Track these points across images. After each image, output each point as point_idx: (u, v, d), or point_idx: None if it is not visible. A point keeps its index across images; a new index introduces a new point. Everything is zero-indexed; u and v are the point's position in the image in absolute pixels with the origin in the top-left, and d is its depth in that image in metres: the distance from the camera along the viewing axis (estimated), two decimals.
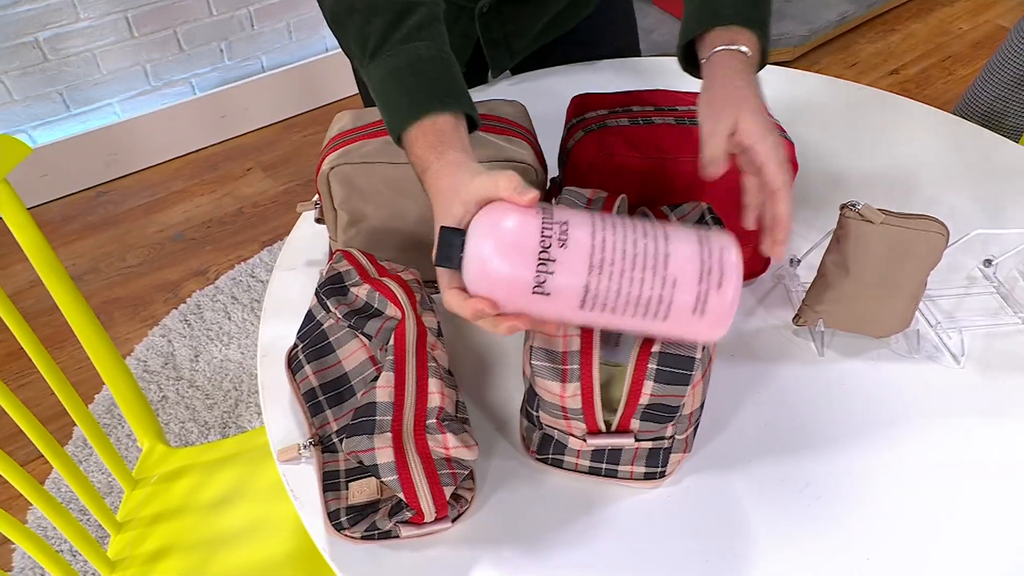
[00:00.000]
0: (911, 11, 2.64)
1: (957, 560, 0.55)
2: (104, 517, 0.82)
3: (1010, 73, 1.14)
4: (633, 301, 0.45)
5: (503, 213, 0.47)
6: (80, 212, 1.90)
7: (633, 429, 0.53)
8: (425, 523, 0.53)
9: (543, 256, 0.45)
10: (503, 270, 0.45)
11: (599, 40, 1.00)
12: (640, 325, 0.47)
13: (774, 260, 0.75)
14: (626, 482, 0.57)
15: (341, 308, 0.61)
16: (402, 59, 0.59)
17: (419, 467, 0.51)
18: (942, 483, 0.59)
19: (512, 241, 0.45)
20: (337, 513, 0.55)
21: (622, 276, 0.45)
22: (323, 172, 0.67)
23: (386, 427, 0.52)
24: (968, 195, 0.85)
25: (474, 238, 0.46)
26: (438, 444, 0.51)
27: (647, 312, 0.46)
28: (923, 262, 0.64)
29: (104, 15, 1.78)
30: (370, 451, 0.51)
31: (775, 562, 0.55)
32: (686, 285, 0.45)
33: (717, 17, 0.64)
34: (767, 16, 0.66)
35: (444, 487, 0.51)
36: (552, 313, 0.47)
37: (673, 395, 0.50)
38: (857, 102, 0.99)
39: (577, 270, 0.45)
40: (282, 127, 2.14)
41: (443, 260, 0.47)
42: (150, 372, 1.53)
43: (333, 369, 0.61)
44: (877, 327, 0.68)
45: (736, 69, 0.61)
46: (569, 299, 0.46)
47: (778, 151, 0.57)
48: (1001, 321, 0.71)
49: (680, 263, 0.46)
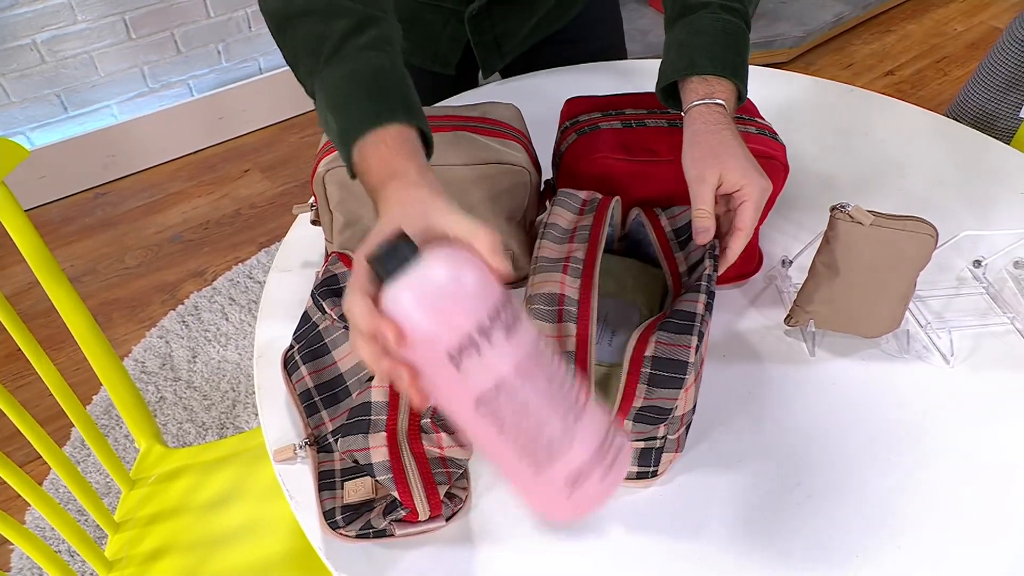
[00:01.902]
0: (906, 12, 2.65)
1: (947, 558, 0.56)
2: (102, 517, 0.82)
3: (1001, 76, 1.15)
4: (527, 430, 0.41)
5: (471, 264, 0.42)
6: (78, 214, 1.90)
7: (625, 430, 0.53)
8: (419, 522, 0.54)
9: (483, 330, 0.40)
10: (438, 315, 0.40)
11: (587, 38, 1.01)
12: (507, 460, 0.43)
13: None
14: None
15: (336, 310, 0.61)
16: (364, 64, 0.56)
17: (413, 466, 0.51)
18: (931, 482, 0.60)
19: (465, 293, 0.41)
20: (332, 512, 0.55)
21: (537, 398, 0.41)
22: (319, 175, 0.68)
23: (381, 426, 0.53)
24: (958, 197, 0.86)
25: (430, 266, 0.41)
26: (432, 443, 0.52)
27: (529, 452, 0.42)
28: (912, 263, 0.65)
29: (101, 17, 1.79)
30: (365, 450, 0.52)
31: (766, 560, 0.55)
32: (580, 452, 0.42)
33: (693, 66, 0.66)
34: (743, 57, 0.68)
35: (438, 486, 0.52)
36: (443, 389, 0.42)
37: (666, 398, 0.51)
38: (849, 104, 1.00)
39: (503, 365, 0.41)
40: (280, 128, 2.15)
41: (381, 263, 0.41)
42: (148, 373, 1.53)
43: (329, 370, 0.62)
44: (867, 327, 0.68)
45: (714, 122, 0.63)
46: (473, 388, 0.41)
47: (762, 194, 0.61)
48: (990, 321, 0.72)
49: (587, 428, 0.43)
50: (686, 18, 0.69)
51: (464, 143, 0.68)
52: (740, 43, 0.68)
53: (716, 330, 0.72)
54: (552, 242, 0.59)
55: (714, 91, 0.65)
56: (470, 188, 0.68)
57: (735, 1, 0.69)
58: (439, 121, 0.70)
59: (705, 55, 0.66)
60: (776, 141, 0.71)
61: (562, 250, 0.58)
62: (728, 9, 0.69)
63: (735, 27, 0.68)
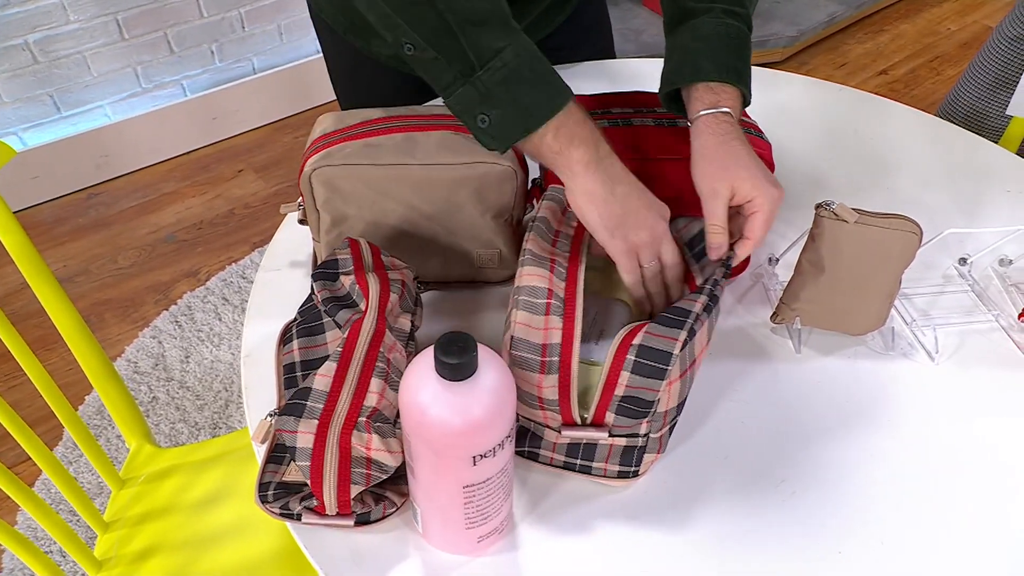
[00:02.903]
0: (900, 12, 2.66)
1: (930, 555, 0.56)
2: (91, 517, 0.82)
3: (991, 74, 1.15)
4: (483, 508, 0.52)
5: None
6: (71, 214, 1.90)
7: (607, 423, 0.54)
8: (326, 515, 0.54)
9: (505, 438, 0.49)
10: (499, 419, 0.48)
11: (576, 45, 1.01)
12: (450, 515, 0.52)
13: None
14: (600, 479, 0.58)
15: (323, 293, 0.61)
16: (531, 42, 0.60)
17: (334, 460, 0.52)
18: (916, 479, 0.60)
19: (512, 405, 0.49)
20: (268, 486, 0.56)
21: (500, 488, 0.52)
22: (305, 174, 0.68)
23: (315, 414, 0.53)
24: (947, 195, 0.86)
25: (492, 367, 0.47)
26: (361, 442, 0.52)
27: (471, 517, 0.52)
28: (897, 261, 0.65)
29: (94, 17, 1.78)
30: (292, 433, 0.52)
31: (750, 556, 0.56)
32: (499, 519, 0.54)
33: (698, 72, 0.66)
34: (747, 61, 0.68)
35: (352, 485, 0.52)
36: (440, 468, 0.49)
37: (648, 388, 0.51)
38: (839, 103, 1.00)
39: (500, 464, 0.50)
40: (273, 129, 2.15)
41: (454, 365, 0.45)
42: (140, 373, 1.53)
43: (317, 349, 0.62)
44: (853, 325, 0.69)
45: (722, 132, 0.63)
46: (470, 478, 0.49)
47: (773, 205, 0.61)
48: (975, 319, 0.72)
49: (508, 503, 0.55)
50: (688, 22, 0.69)
51: (453, 143, 0.68)
52: (743, 47, 0.68)
53: None
54: (540, 236, 0.59)
55: (719, 99, 0.65)
56: (458, 187, 0.68)
57: (737, 5, 0.69)
58: (428, 120, 0.70)
59: (710, 61, 0.66)
60: (762, 139, 0.71)
61: (549, 245, 0.59)
62: (730, 13, 0.68)
63: (737, 31, 0.68)
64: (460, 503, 0.51)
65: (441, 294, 0.75)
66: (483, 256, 0.73)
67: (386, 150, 0.68)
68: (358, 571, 0.55)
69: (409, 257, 0.71)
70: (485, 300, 0.74)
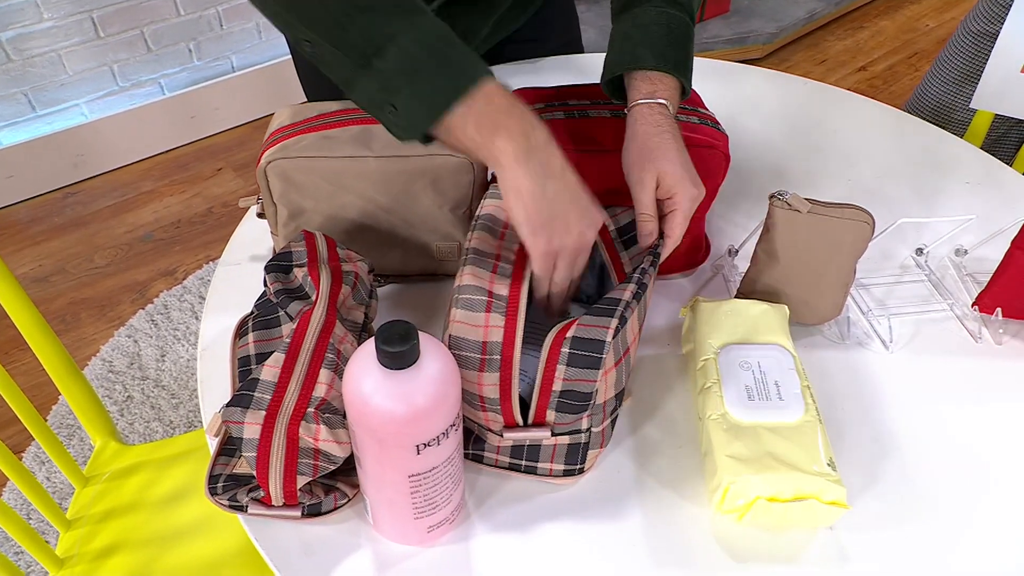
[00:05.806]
0: (879, 8, 2.67)
1: (888, 542, 0.56)
2: (52, 515, 0.82)
3: (956, 69, 1.16)
4: (432, 497, 0.52)
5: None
6: (47, 213, 1.89)
7: (549, 421, 0.53)
8: (273, 506, 0.54)
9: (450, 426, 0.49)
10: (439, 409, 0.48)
11: (546, 36, 1.01)
12: (397, 505, 0.52)
13: None
14: (546, 478, 0.58)
15: (276, 285, 0.61)
16: (441, 25, 0.55)
17: (281, 451, 0.52)
18: (871, 466, 0.61)
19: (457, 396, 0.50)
20: (218, 478, 0.56)
21: (448, 477, 0.52)
22: (261, 167, 0.68)
23: (262, 405, 0.53)
24: (907, 187, 0.87)
25: (435, 357, 0.48)
26: (309, 433, 0.52)
27: (420, 507, 0.52)
28: (850, 250, 0.66)
29: (68, 15, 1.77)
30: (239, 424, 0.52)
31: (708, 548, 0.56)
32: (449, 509, 0.55)
33: (637, 60, 0.66)
34: (687, 52, 0.68)
35: (299, 475, 0.52)
36: (384, 457, 0.49)
37: (584, 379, 0.51)
38: (805, 97, 1.01)
39: (445, 454, 0.50)
40: (253, 127, 2.14)
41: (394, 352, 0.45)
42: (115, 372, 1.52)
43: (273, 343, 0.61)
44: (809, 314, 0.69)
45: (655, 123, 0.63)
46: (415, 467, 0.50)
47: (691, 204, 0.61)
48: (931, 308, 0.73)
49: (459, 494, 0.56)
50: (631, 11, 0.69)
51: None
52: (684, 38, 0.68)
53: (661, 319, 0.72)
54: (486, 233, 0.59)
55: (656, 89, 0.65)
56: (414, 179, 0.68)
57: None
58: None
59: (648, 50, 0.66)
60: (718, 131, 0.71)
61: (495, 240, 0.59)
62: (671, 3, 0.69)
63: (679, 21, 0.68)
64: (407, 492, 0.51)
65: (402, 287, 0.75)
66: (443, 248, 0.73)
67: (342, 142, 0.67)
68: (309, 563, 0.55)
69: (369, 250, 0.71)
70: (446, 293, 0.74)
